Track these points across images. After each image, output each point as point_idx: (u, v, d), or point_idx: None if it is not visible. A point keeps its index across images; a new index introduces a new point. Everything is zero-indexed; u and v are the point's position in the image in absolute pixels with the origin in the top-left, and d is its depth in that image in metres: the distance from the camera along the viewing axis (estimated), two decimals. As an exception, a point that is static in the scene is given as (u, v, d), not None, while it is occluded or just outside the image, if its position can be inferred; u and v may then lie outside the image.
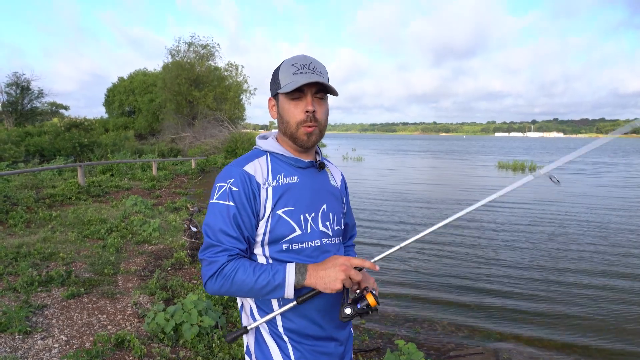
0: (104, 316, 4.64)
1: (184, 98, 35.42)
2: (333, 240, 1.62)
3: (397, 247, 1.58)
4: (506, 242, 8.88)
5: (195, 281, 5.92)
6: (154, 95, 40.43)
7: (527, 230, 9.89)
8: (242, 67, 38.37)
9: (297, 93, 1.49)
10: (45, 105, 42.61)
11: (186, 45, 36.31)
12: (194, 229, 8.82)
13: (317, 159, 1.66)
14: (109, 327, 4.39)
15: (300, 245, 1.51)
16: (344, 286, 1.39)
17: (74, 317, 4.55)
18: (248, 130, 37.85)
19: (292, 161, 1.57)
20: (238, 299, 1.62)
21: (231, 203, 1.44)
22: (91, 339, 4.09)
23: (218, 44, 37.43)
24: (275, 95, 1.56)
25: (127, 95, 45.05)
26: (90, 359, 3.64)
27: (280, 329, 1.53)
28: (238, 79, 37.80)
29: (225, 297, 5.13)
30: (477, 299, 5.93)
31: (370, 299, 1.44)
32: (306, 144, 1.54)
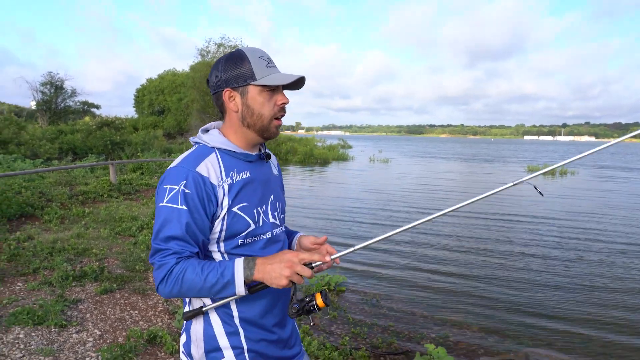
0: (136, 312, 4.73)
1: (211, 98, 35.78)
2: (281, 229, 1.67)
3: (352, 248, 1.51)
4: (543, 249, 8.73)
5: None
6: (182, 94, 40.97)
7: (565, 240, 9.70)
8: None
9: (270, 86, 1.48)
10: (78, 104, 43.54)
11: (216, 46, 36.74)
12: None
13: (262, 150, 1.65)
14: (140, 322, 4.48)
15: (254, 239, 1.52)
16: (293, 282, 1.38)
17: (107, 312, 4.65)
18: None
19: (243, 156, 1.53)
20: (185, 308, 1.58)
21: (183, 207, 1.38)
22: (124, 333, 4.18)
23: (247, 45, 37.72)
24: (237, 86, 1.48)
25: (157, 95, 45.74)
26: (123, 354, 3.71)
27: (237, 320, 1.52)
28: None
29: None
30: (509, 304, 5.84)
31: (319, 300, 1.42)
32: (275, 136, 1.56)
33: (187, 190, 1.39)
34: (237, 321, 1.51)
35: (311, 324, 1.50)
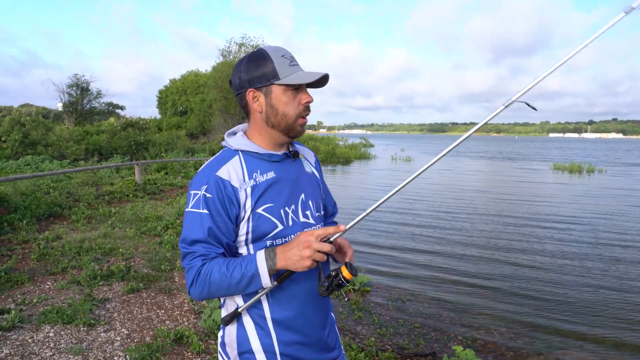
0: (162, 311, 4.76)
1: (234, 98, 35.99)
2: (316, 228, 1.61)
3: (364, 213, 1.46)
4: (575, 251, 8.55)
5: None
6: (205, 95, 41.31)
7: (598, 241, 9.49)
8: (292, 66, 38.67)
9: (294, 85, 1.47)
10: (103, 105, 44.25)
11: (237, 45, 36.95)
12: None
13: (291, 149, 1.63)
14: (167, 322, 4.51)
15: (283, 240, 1.50)
16: (317, 261, 1.36)
17: (134, 312, 4.69)
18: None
19: (267, 157, 1.52)
20: (222, 309, 1.58)
21: (205, 211, 1.41)
22: (151, 333, 4.21)
23: (269, 45, 37.87)
24: (261, 86, 1.48)
25: (180, 96, 46.19)
26: (151, 353, 3.73)
27: (270, 322, 1.50)
28: (287, 79, 38.09)
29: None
30: (538, 306, 5.72)
31: (345, 272, 1.41)
32: (300, 134, 1.55)
33: (207, 195, 1.42)
34: (269, 323, 1.50)
35: (346, 300, 1.50)
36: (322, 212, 1.72)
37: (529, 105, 1.38)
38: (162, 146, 24.34)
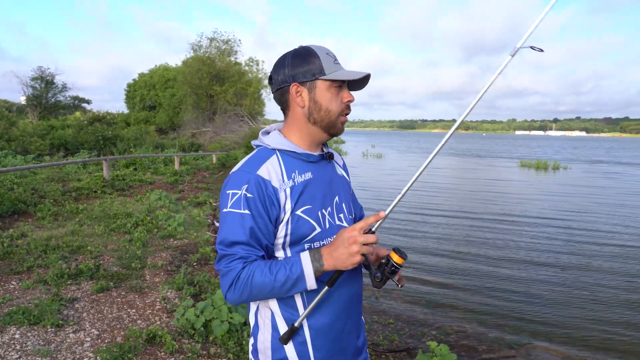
0: (134, 310, 4.66)
1: (205, 92, 35.62)
2: None
3: (400, 195, 1.47)
4: (542, 246, 8.73)
5: (221, 277, 5.92)
6: (175, 90, 40.73)
7: (564, 237, 9.72)
8: (263, 62, 38.50)
9: (338, 82, 1.46)
10: (68, 99, 43.23)
11: (208, 40, 36.54)
12: (217, 224, 8.86)
13: (325, 150, 1.62)
14: (138, 321, 4.41)
15: (321, 243, 1.47)
16: (365, 255, 1.35)
17: (104, 311, 4.58)
18: (266, 126, 37.94)
19: (304, 157, 1.50)
20: (252, 307, 1.53)
21: (246, 211, 1.36)
22: (122, 333, 4.11)
23: (240, 40, 37.59)
24: (305, 81, 1.46)
25: (148, 90, 45.42)
26: (122, 354, 3.64)
27: (306, 329, 1.46)
28: (259, 75, 37.89)
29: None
30: (509, 301, 5.83)
31: (395, 257, 1.40)
32: (340, 132, 1.53)
33: (249, 195, 1.37)
34: (306, 330, 1.46)
35: (399, 286, 1.46)
36: (354, 216, 1.70)
37: (534, 49, 1.38)
38: (130, 141, 23.90)
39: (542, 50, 1.38)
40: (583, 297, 5.96)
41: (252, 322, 1.54)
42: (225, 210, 1.39)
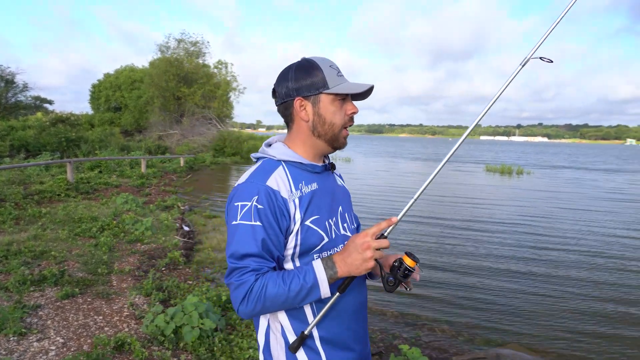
0: (100, 317, 4.53)
1: (172, 94, 35.12)
2: None
3: (413, 199, 1.55)
4: (511, 251, 8.90)
5: (190, 282, 5.83)
6: (141, 91, 40.03)
7: (532, 242, 9.93)
8: (232, 65, 38.23)
9: (342, 95, 1.48)
10: (29, 99, 41.95)
11: (176, 41, 36.08)
12: (186, 228, 8.74)
13: (326, 161, 1.64)
14: (106, 328, 4.29)
15: (328, 253, 1.48)
16: (377, 261, 1.38)
17: (70, 318, 4.44)
18: (236, 129, 37.64)
19: (310, 167, 1.51)
20: (261, 324, 1.53)
21: (258, 223, 1.35)
22: (89, 341, 3.99)
23: (208, 42, 37.27)
24: (309, 95, 1.47)
25: (114, 91, 44.51)
26: (89, 363, 3.54)
27: (317, 341, 1.47)
28: (227, 77, 37.60)
29: (224, 298, 5.05)
30: (477, 304, 5.92)
31: (408, 261, 1.42)
32: (343, 146, 1.55)
33: (259, 206, 1.36)
34: (317, 342, 1.46)
35: (408, 290, 1.51)
36: (355, 225, 1.71)
37: (543, 59, 1.43)
38: (95, 143, 23.35)
39: (551, 61, 1.43)
40: (550, 303, 6.09)
41: (261, 340, 1.52)
42: (234, 222, 1.37)
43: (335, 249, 1.50)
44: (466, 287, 6.52)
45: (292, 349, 1.44)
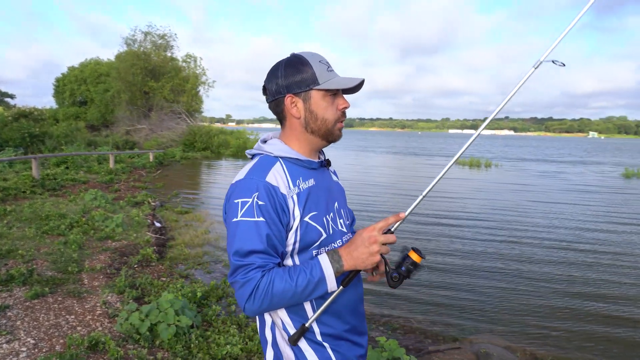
0: (72, 317, 4.43)
1: (139, 89, 34.44)
2: (349, 236, 1.62)
3: (421, 196, 1.56)
4: (483, 242, 9.05)
5: (164, 279, 5.75)
6: (107, 85, 39.14)
7: (505, 232, 10.11)
8: (201, 58, 37.69)
9: (333, 90, 1.47)
10: (-11, 93, 40.61)
11: (143, 34, 35.35)
12: (158, 225, 8.61)
13: (322, 157, 1.64)
14: (78, 328, 4.20)
15: (326, 249, 1.48)
16: (382, 256, 1.41)
17: (40, 318, 4.33)
18: (206, 124, 37.19)
19: (307, 164, 1.51)
20: (267, 320, 1.52)
21: (261, 219, 1.34)
22: (61, 341, 3.90)
23: (176, 34, 36.65)
24: (299, 92, 1.46)
25: (79, 85, 43.43)
26: (63, 363, 3.46)
27: (319, 337, 1.47)
28: (196, 71, 37.06)
29: (199, 295, 5.01)
30: (450, 294, 6.01)
31: (415, 256, 1.43)
32: (338, 139, 1.56)
33: (260, 202, 1.35)
34: (319, 338, 1.48)
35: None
36: (349, 221, 1.72)
37: (555, 63, 1.45)
38: (60, 139, 22.75)
39: (563, 65, 1.45)
40: (522, 291, 6.23)
41: (269, 336, 1.52)
42: (235, 220, 1.35)
43: (333, 244, 1.50)
44: (439, 275, 6.61)
45: (291, 341, 1.45)
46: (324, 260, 1.37)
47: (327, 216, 1.51)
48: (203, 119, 40.73)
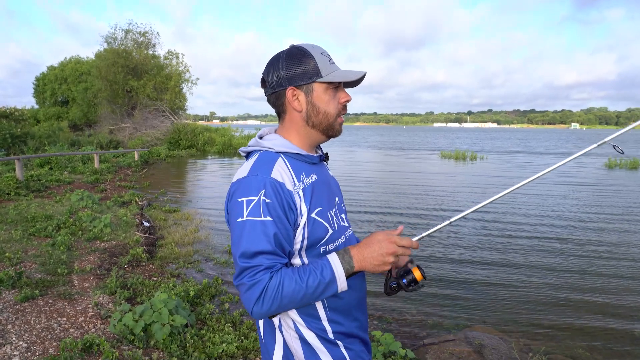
0: (64, 319, 4.37)
1: (121, 87, 34.07)
2: (350, 231, 1.61)
3: (445, 223, 1.58)
4: (475, 235, 9.10)
5: (155, 278, 5.71)
6: (88, 84, 38.66)
7: (500, 225, 10.18)
8: (183, 55, 37.37)
9: (335, 83, 1.43)
10: (-32, 94, 39.90)
11: (123, 32, 34.95)
12: (146, 224, 8.54)
13: (319, 152, 1.61)
14: (71, 330, 4.15)
15: (333, 245, 1.45)
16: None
17: (32, 322, 4.26)
18: (190, 122, 36.92)
19: (308, 158, 1.47)
20: (277, 331, 1.47)
21: (268, 218, 1.28)
22: (54, 344, 3.85)
23: (158, 32, 36.30)
24: (301, 84, 1.41)
25: (60, 84, 42.90)
26: (57, 366, 3.42)
27: (331, 335, 1.45)
28: (179, 68, 36.74)
29: (192, 294, 4.98)
30: (443, 286, 6.05)
31: (417, 273, 1.41)
32: (339, 133, 1.52)
33: (267, 200, 1.29)
34: (333, 336, 1.45)
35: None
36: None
37: (615, 148, 1.54)
38: (43, 139, 22.43)
39: (622, 152, 1.56)
40: (514, 282, 6.29)
41: (279, 339, 1.46)
42: (241, 219, 1.29)
43: (339, 240, 1.48)
44: (432, 275, 6.64)
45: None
46: (334, 260, 1.33)
47: (331, 211, 1.48)
48: (187, 116, 40.44)
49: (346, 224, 1.58)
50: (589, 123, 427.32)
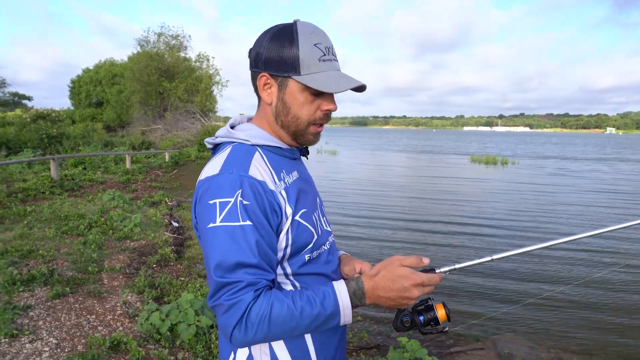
0: (93, 317, 4.45)
1: (154, 89, 34.70)
2: (332, 238, 1.38)
3: (485, 259, 1.27)
4: (499, 237, 8.95)
5: (183, 278, 5.76)
6: (122, 86, 39.50)
7: (530, 228, 9.99)
8: (213, 58, 37.82)
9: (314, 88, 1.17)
10: (7, 95, 41.25)
11: (156, 35, 35.61)
12: (175, 224, 8.64)
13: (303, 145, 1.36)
14: (99, 327, 4.22)
15: (317, 252, 1.24)
16: None
17: (62, 318, 4.35)
18: (220, 124, 37.32)
19: (288, 153, 1.26)
20: (239, 354, 1.20)
21: (247, 222, 1.05)
22: (83, 341, 3.92)
23: (189, 35, 36.87)
24: (276, 75, 1.17)
25: (94, 86, 43.93)
26: (85, 363, 3.47)
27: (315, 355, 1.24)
28: (209, 71, 37.21)
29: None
30: (472, 294, 5.94)
31: (441, 312, 1.14)
32: (312, 144, 1.28)
33: (245, 202, 1.07)
34: (314, 355, 1.23)
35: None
36: None
37: None
38: (77, 139, 22.99)
39: None
40: (545, 293, 6.14)
41: (243, 352, 1.20)
42: (212, 225, 1.06)
43: (323, 246, 1.27)
44: (459, 283, 6.54)
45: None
46: (341, 290, 1.10)
47: (315, 214, 1.27)
48: (217, 118, 40.90)
49: (329, 229, 1.36)
50: (625, 128, 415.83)
